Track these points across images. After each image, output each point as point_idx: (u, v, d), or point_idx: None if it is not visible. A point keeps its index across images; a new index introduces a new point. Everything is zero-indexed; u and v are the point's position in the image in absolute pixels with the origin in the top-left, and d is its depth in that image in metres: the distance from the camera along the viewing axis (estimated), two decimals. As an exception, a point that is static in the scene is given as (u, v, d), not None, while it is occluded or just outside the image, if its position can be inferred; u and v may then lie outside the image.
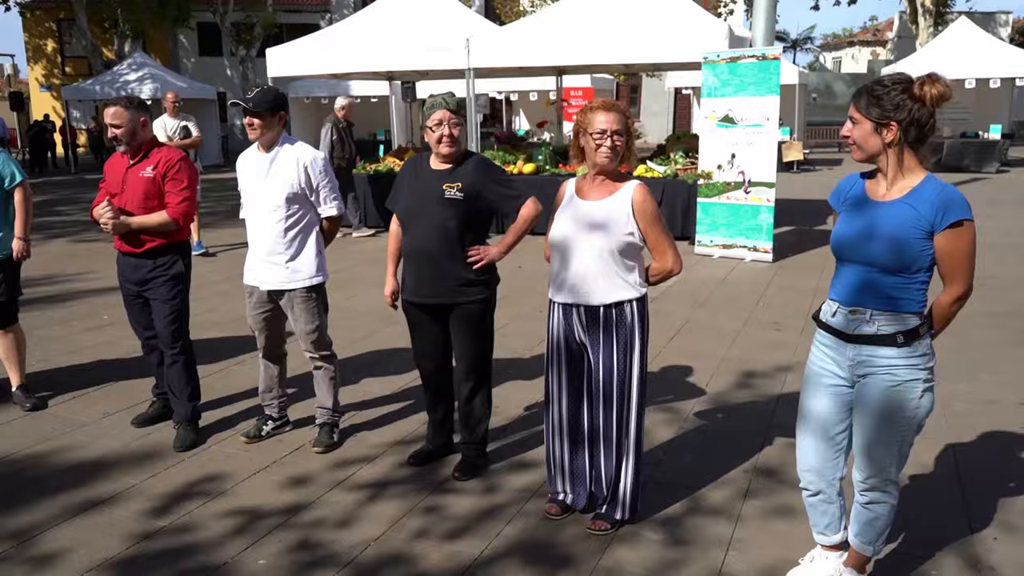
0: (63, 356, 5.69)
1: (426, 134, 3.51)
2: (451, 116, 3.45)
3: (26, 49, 32.51)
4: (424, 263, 3.55)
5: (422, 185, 3.53)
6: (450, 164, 3.54)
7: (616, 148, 3.05)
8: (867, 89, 2.44)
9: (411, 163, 3.69)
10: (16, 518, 3.44)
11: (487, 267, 3.61)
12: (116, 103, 3.99)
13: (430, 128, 3.48)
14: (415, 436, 4.23)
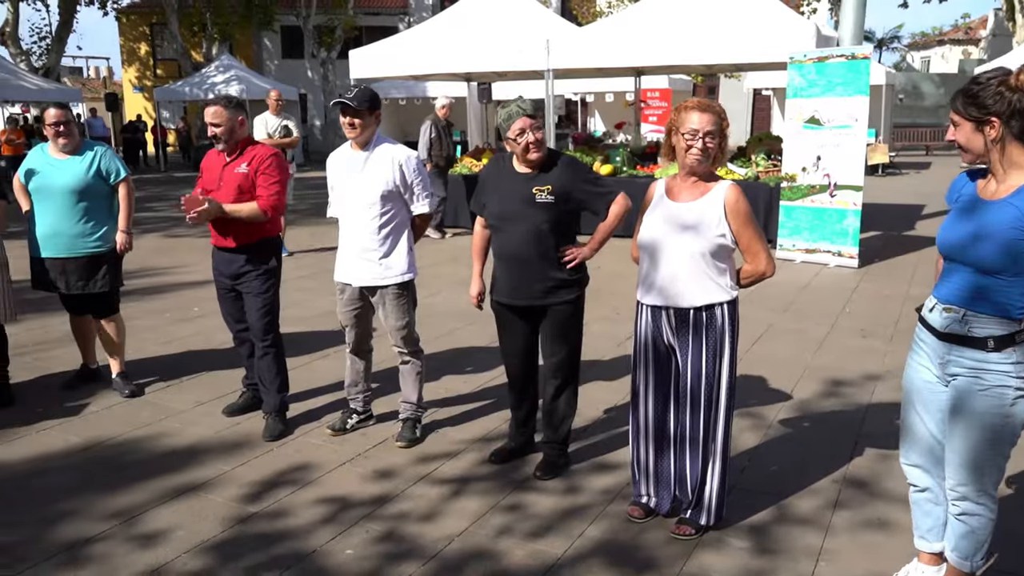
0: (157, 346, 5.93)
1: (509, 145, 3.51)
2: (532, 122, 3.45)
3: (121, 52, 33.98)
4: (517, 266, 3.56)
5: (510, 189, 3.54)
6: (537, 167, 3.55)
7: (707, 150, 3.01)
8: (963, 89, 2.39)
9: (493, 166, 3.71)
10: (119, 499, 3.60)
11: (579, 267, 3.60)
12: (216, 103, 4.13)
13: (513, 139, 3.46)
14: (496, 434, 4.26)
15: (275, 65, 32.65)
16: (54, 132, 4.62)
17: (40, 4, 26.30)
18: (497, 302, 3.73)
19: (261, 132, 8.87)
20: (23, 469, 3.92)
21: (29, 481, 3.79)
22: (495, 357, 5.47)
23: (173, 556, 3.13)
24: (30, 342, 5.87)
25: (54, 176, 4.59)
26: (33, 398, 4.83)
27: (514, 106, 3.47)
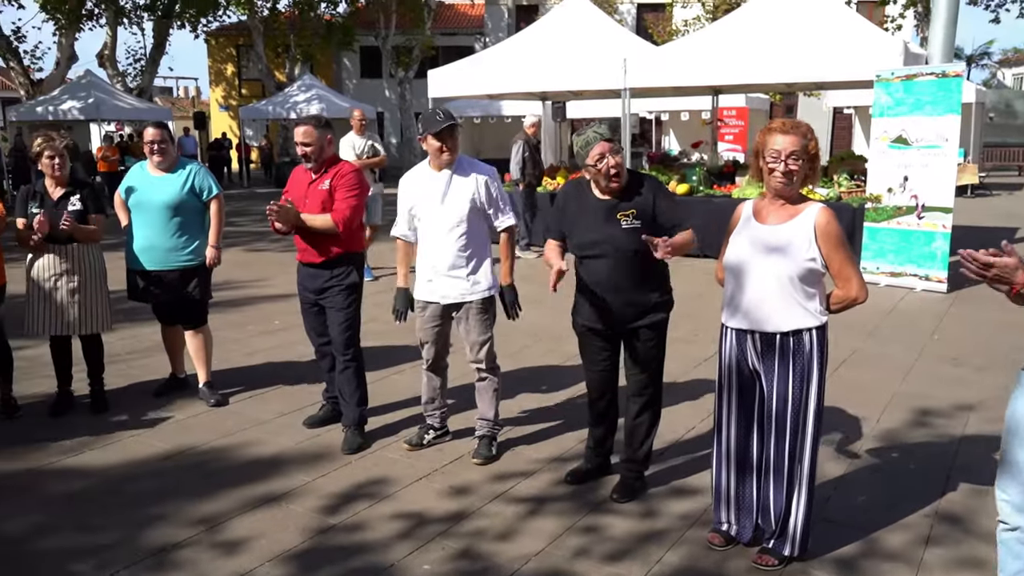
0: (240, 357, 6.10)
1: (588, 172, 3.47)
2: (610, 145, 3.43)
3: (209, 73, 35.39)
4: (608, 294, 3.52)
5: (594, 217, 3.49)
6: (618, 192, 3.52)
7: (791, 173, 2.93)
8: None
9: (572, 192, 3.66)
10: (204, 506, 3.71)
11: (667, 289, 3.61)
12: (306, 122, 4.24)
13: (592, 166, 3.42)
14: (571, 454, 4.23)
15: (354, 84, 33.50)
16: (150, 150, 4.82)
17: (136, 28, 27.60)
18: (584, 326, 3.70)
19: (349, 153, 8.72)
20: (116, 473, 4.07)
21: (122, 485, 3.94)
22: (569, 376, 5.47)
23: (256, 564, 3.20)
24: (123, 351, 6.12)
25: (151, 192, 4.79)
26: (126, 404, 5.02)
27: (590, 132, 3.44)
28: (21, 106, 22.10)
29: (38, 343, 5.32)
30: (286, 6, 27.50)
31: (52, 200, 4.70)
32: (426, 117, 3.96)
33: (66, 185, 4.74)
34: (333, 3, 27.96)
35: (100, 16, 25.67)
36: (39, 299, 4.72)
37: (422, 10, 27.50)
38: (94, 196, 4.84)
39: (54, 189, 4.73)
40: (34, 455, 4.29)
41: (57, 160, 4.66)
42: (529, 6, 30.59)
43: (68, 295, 4.73)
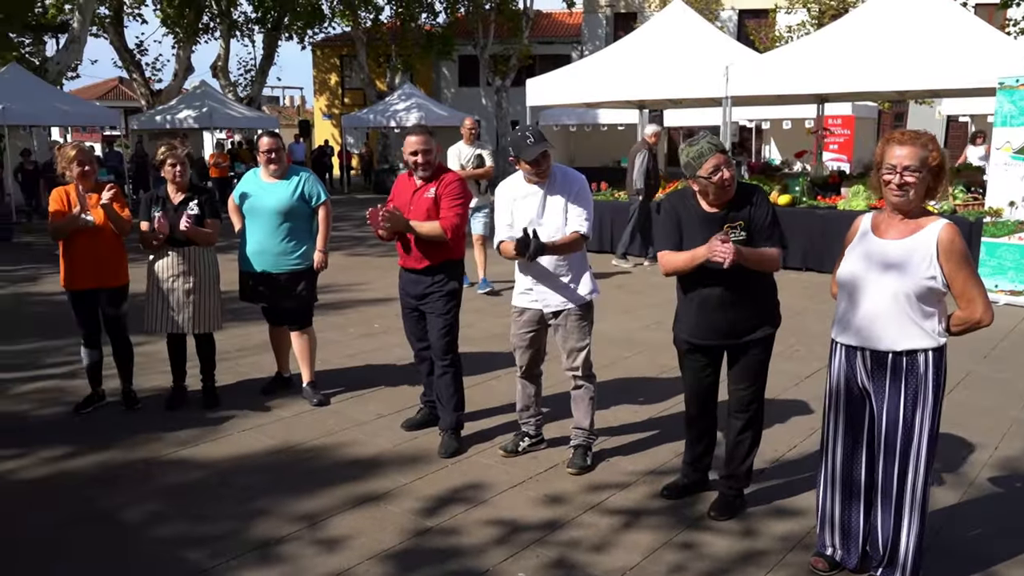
0: (341, 359, 6.28)
1: (697, 184, 3.40)
2: (725, 158, 3.36)
3: (313, 83, 36.65)
4: (720, 308, 3.45)
5: (702, 229, 3.40)
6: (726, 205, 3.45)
7: (907, 186, 2.81)
8: None
9: (678, 203, 3.56)
10: (306, 503, 3.83)
11: (774, 303, 3.54)
12: (420, 132, 4.33)
13: (706, 178, 3.34)
14: (667, 468, 4.17)
15: (451, 93, 34.04)
16: (266, 159, 5.03)
17: (247, 40, 28.91)
18: (687, 341, 3.63)
19: (454, 162, 8.48)
20: (226, 466, 4.25)
21: (231, 478, 4.11)
22: (665, 388, 5.40)
23: (355, 562, 3.28)
24: (232, 349, 6.39)
25: (264, 198, 5.00)
26: (235, 401, 5.24)
27: (704, 143, 3.36)
28: (142, 115, 23.45)
29: (155, 340, 5.61)
30: (388, 17, 28.23)
31: (173, 204, 4.95)
32: (517, 141, 3.94)
33: (186, 191, 4.99)
34: (433, 13, 28.54)
35: (215, 29, 27.01)
36: (158, 298, 4.99)
37: (520, 19, 27.74)
38: (211, 201, 5.08)
39: (175, 194, 4.99)
40: (151, 446, 4.52)
41: (179, 167, 4.92)
42: (627, 14, 30.41)
43: (184, 295, 4.98)
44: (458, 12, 28.26)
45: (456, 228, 4.34)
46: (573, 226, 3.98)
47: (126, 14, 25.32)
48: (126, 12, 25.25)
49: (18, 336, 6.87)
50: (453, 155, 8.55)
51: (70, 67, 21.49)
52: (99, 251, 4.88)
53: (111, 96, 39.53)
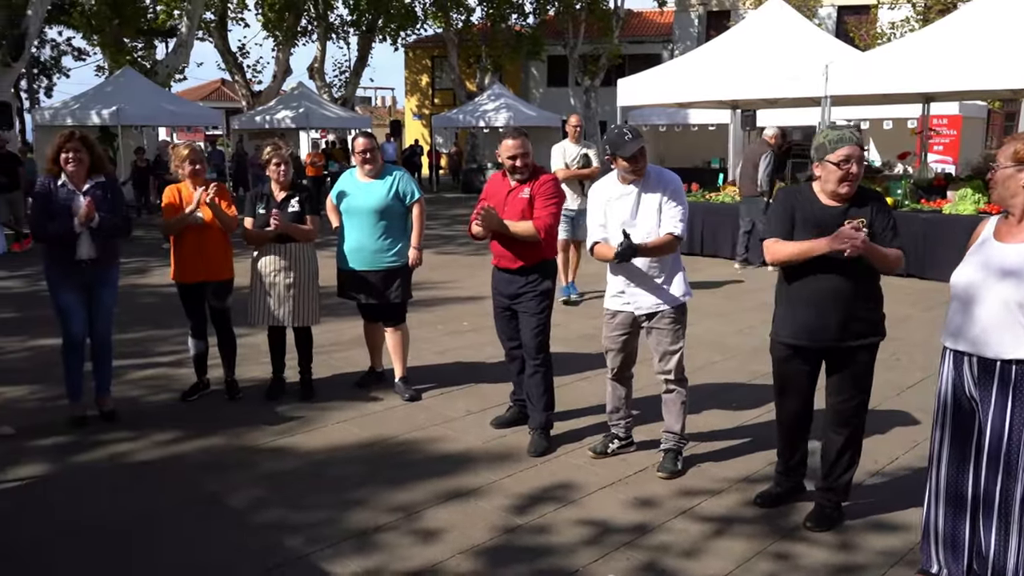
0: (431, 355, 6.39)
1: (822, 168, 3.32)
2: (860, 153, 3.27)
3: (405, 83, 37.36)
4: (831, 306, 3.33)
5: (819, 222, 3.33)
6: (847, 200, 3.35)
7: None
8: None
9: (793, 196, 3.51)
10: (400, 494, 3.92)
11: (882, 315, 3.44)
12: (517, 136, 4.37)
13: (835, 164, 3.25)
14: (760, 476, 4.09)
15: (540, 93, 34.12)
16: (361, 159, 5.16)
17: (343, 43, 29.69)
18: (783, 343, 3.53)
19: (559, 161, 8.13)
20: (321, 457, 4.40)
21: (327, 468, 4.25)
22: (757, 394, 5.29)
23: (448, 555, 3.34)
24: (327, 343, 6.59)
25: (360, 197, 5.13)
26: (330, 393, 5.41)
27: (848, 131, 3.27)
28: (243, 115, 24.38)
29: (256, 332, 5.83)
30: (479, 18, 28.53)
31: (276, 202, 5.14)
32: (613, 138, 3.94)
33: (288, 189, 5.18)
34: (523, 14, 28.67)
35: (312, 32, 27.84)
36: (260, 292, 5.19)
37: (611, 19, 27.59)
38: (311, 199, 5.25)
39: (278, 192, 5.18)
40: (252, 434, 4.71)
41: (283, 167, 5.11)
42: (720, 12, 29.85)
43: (285, 290, 5.17)
44: (548, 12, 28.31)
45: (549, 228, 4.36)
46: (667, 227, 3.94)
47: (230, 18, 26.38)
48: (230, 16, 26.30)
49: (130, 326, 7.26)
50: (558, 154, 8.17)
51: (178, 70, 22.55)
52: (206, 246, 5.11)
53: (213, 97, 41.26)
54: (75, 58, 35.93)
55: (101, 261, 4.72)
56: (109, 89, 18.49)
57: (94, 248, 4.66)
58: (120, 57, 21.45)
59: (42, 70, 35.05)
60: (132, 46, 23.17)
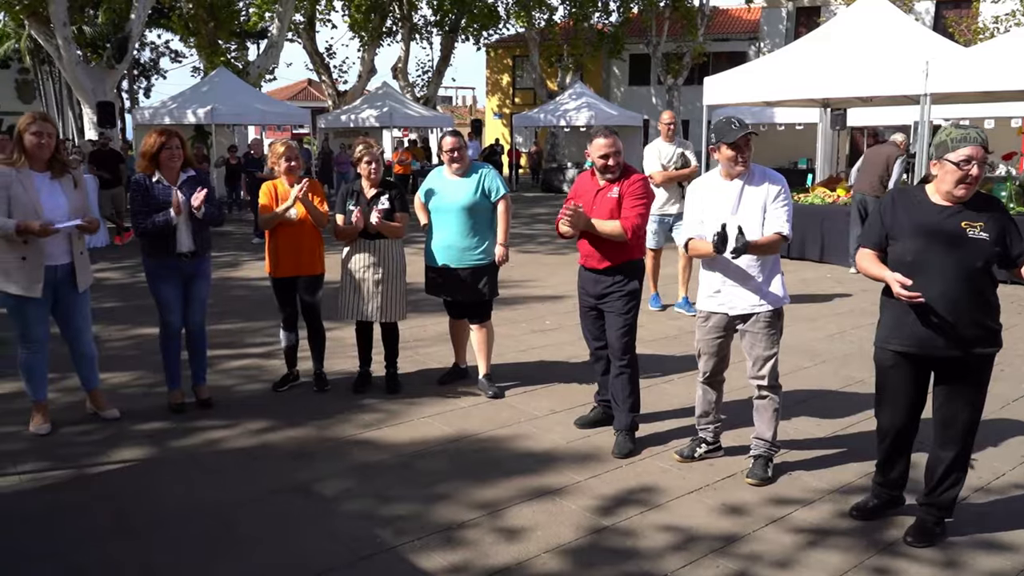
0: (514, 353, 6.40)
1: (940, 167, 3.18)
2: (983, 155, 3.11)
3: (486, 83, 37.61)
4: (943, 312, 3.20)
5: (933, 224, 3.21)
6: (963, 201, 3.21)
7: None
8: None
9: (900, 198, 3.38)
10: (484, 491, 3.94)
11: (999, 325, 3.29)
12: (608, 135, 4.34)
13: (954, 163, 3.11)
14: (854, 487, 3.94)
15: (621, 92, 33.85)
16: (449, 158, 5.20)
17: (426, 43, 30.11)
18: (890, 350, 3.39)
19: (654, 162, 7.53)
20: (408, 450, 4.45)
21: (413, 461, 4.30)
22: (849, 402, 5.13)
23: (534, 554, 3.34)
24: (411, 339, 6.68)
25: (448, 195, 5.18)
26: (414, 388, 5.48)
27: (974, 131, 3.14)
28: (328, 115, 24.97)
29: (344, 326, 5.95)
30: (562, 17, 28.47)
31: (366, 199, 5.24)
32: (720, 126, 3.89)
33: (378, 186, 5.26)
34: (607, 12, 28.48)
35: (397, 33, 28.32)
36: (350, 288, 5.29)
37: (695, 16, 27.14)
38: (400, 196, 5.33)
39: (368, 189, 5.27)
40: (340, 426, 4.81)
41: (374, 165, 5.20)
42: (811, 8, 29.03)
43: (373, 285, 5.25)
44: (632, 10, 28.04)
45: (637, 228, 4.31)
46: (775, 226, 3.83)
47: (318, 20, 27.06)
48: (318, 18, 26.97)
49: (223, 317, 7.51)
50: (652, 155, 7.57)
51: (268, 70, 23.25)
52: (299, 242, 5.24)
53: (300, 97, 42.43)
54: (172, 60, 37.60)
55: (197, 253, 4.91)
56: (204, 89, 19.20)
57: (192, 241, 4.85)
58: (215, 58, 22.24)
59: (142, 72, 36.66)
60: (226, 48, 23.99)
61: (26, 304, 4.49)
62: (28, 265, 4.42)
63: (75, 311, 4.72)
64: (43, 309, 4.58)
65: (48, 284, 4.51)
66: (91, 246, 12.57)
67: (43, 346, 4.67)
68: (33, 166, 4.45)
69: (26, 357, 4.65)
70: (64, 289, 4.61)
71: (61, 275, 4.57)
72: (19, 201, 4.35)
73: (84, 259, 4.69)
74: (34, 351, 4.64)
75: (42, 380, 4.74)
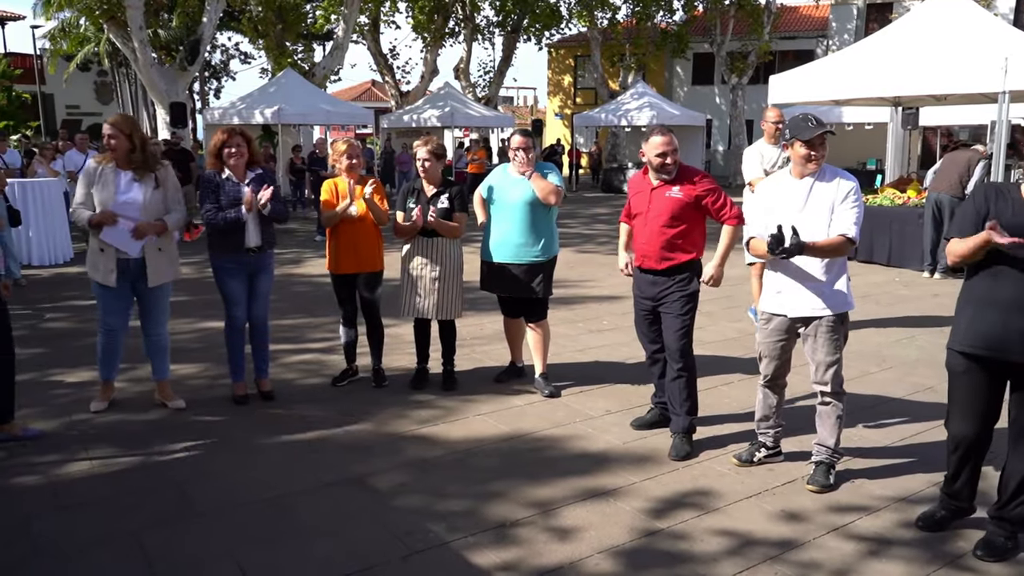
0: (571, 353, 6.38)
1: None
2: None
3: (548, 83, 37.59)
4: (1015, 314, 3.09)
5: (1022, 222, 3.08)
6: None
7: None
8: None
9: (991, 192, 3.24)
10: (538, 490, 3.93)
11: None
12: (665, 133, 4.28)
13: None
14: (920, 497, 3.82)
15: (684, 92, 33.48)
16: (515, 157, 5.20)
17: (488, 43, 30.31)
18: (962, 353, 3.28)
19: (756, 167, 6.51)
20: (462, 447, 4.48)
21: (468, 459, 4.32)
22: (917, 409, 4.98)
23: (587, 554, 3.32)
24: (468, 336, 6.72)
25: (512, 191, 5.18)
26: (471, 386, 5.50)
27: None
28: (391, 114, 25.29)
29: (402, 323, 6.01)
30: (624, 16, 28.28)
31: (426, 197, 5.28)
32: (795, 123, 3.80)
33: (438, 185, 5.30)
34: (671, 11, 28.18)
35: (459, 33, 28.51)
36: (408, 285, 5.35)
37: (761, 15, 26.65)
38: (460, 195, 5.35)
39: (428, 188, 5.32)
40: (397, 421, 4.87)
41: (429, 163, 5.23)
42: (882, 4, 28.23)
43: (430, 283, 5.30)
44: (696, 9, 27.69)
45: (740, 215, 4.34)
46: (841, 228, 3.72)
47: (382, 21, 27.43)
48: (383, 20, 27.34)
49: (286, 312, 7.68)
50: (754, 158, 6.58)
51: (334, 71, 23.69)
52: (359, 239, 5.32)
53: (364, 97, 43.09)
54: (241, 61, 38.54)
55: (263, 248, 5.04)
56: (272, 90, 19.66)
57: (260, 236, 4.99)
58: (282, 60, 22.76)
59: (212, 73, 37.78)
60: (293, 49, 24.53)
61: (105, 292, 4.84)
62: (104, 256, 4.76)
63: (151, 303, 4.99)
64: (120, 298, 4.89)
65: (124, 275, 4.79)
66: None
67: (117, 333, 4.98)
68: (119, 164, 4.74)
69: (101, 338, 4.99)
70: (140, 282, 4.87)
71: (134, 268, 4.80)
72: (99, 195, 4.71)
73: (160, 256, 4.88)
74: (109, 335, 4.96)
75: (111, 362, 5.04)
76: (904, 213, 10.53)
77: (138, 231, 4.70)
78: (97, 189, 4.71)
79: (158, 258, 4.85)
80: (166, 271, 4.94)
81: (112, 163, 4.75)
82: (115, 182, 4.72)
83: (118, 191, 4.70)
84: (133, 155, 4.73)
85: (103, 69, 33.75)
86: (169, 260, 4.95)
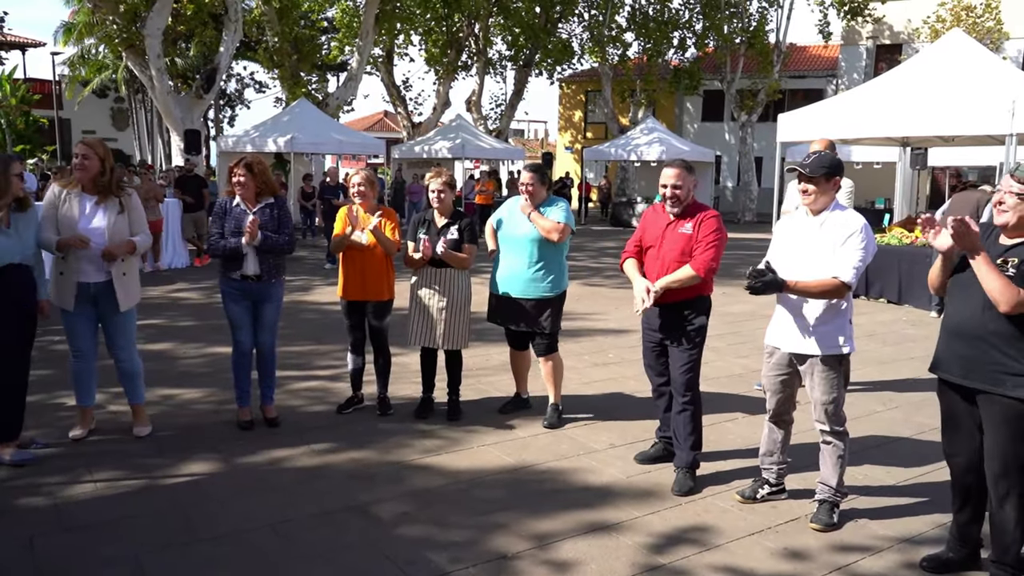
0: (576, 386, 6.38)
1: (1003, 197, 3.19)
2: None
3: (558, 117, 37.92)
4: (962, 340, 3.23)
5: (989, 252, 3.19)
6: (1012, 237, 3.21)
7: None
8: None
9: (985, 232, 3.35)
10: (538, 522, 3.92)
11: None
12: (678, 166, 4.33)
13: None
14: (924, 538, 3.79)
15: (694, 128, 33.70)
16: (525, 191, 5.26)
17: (500, 77, 30.63)
18: (939, 379, 3.38)
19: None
20: (466, 478, 4.47)
21: (471, 490, 4.32)
22: (923, 449, 4.95)
23: (587, 588, 3.31)
24: (474, 367, 6.72)
25: (521, 225, 5.23)
26: (475, 416, 5.51)
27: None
28: (403, 145, 25.51)
29: (409, 352, 6.04)
30: (636, 53, 28.60)
31: (436, 228, 5.33)
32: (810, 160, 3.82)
33: (449, 216, 5.36)
34: (682, 48, 28.48)
35: (472, 67, 28.87)
36: (417, 314, 5.38)
37: (771, 53, 26.91)
38: (470, 228, 5.40)
39: (439, 219, 5.37)
40: (401, 450, 4.87)
41: (442, 194, 5.29)
42: (892, 46, 28.47)
43: (438, 313, 5.33)
44: (707, 46, 27.99)
45: (711, 270, 4.27)
46: (835, 270, 3.72)
47: (396, 54, 27.80)
48: (396, 52, 27.73)
49: (294, 339, 7.71)
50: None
51: (347, 101, 23.98)
52: (367, 268, 5.36)
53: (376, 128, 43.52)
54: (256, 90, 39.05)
55: (264, 277, 5.07)
56: (286, 119, 19.91)
57: (259, 265, 5.03)
58: (296, 89, 23.08)
59: (227, 102, 38.27)
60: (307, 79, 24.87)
61: (68, 316, 4.81)
62: (64, 280, 4.74)
63: (116, 328, 4.92)
64: (84, 322, 4.84)
65: (84, 300, 4.76)
66: (171, 266, 13.16)
67: (87, 356, 4.91)
68: (85, 188, 4.74)
69: (72, 364, 4.95)
70: (106, 307, 4.82)
71: (97, 292, 4.78)
72: (63, 220, 4.67)
73: (127, 280, 4.85)
74: (78, 360, 4.91)
75: (86, 388, 4.97)
76: (912, 252, 10.55)
77: (107, 254, 4.68)
78: (62, 213, 4.65)
79: (124, 282, 4.83)
80: (133, 295, 4.93)
81: (77, 187, 4.72)
82: (79, 207, 4.69)
83: (82, 217, 4.68)
84: (101, 179, 4.72)
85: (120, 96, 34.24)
86: (134, 283, 4.94)
